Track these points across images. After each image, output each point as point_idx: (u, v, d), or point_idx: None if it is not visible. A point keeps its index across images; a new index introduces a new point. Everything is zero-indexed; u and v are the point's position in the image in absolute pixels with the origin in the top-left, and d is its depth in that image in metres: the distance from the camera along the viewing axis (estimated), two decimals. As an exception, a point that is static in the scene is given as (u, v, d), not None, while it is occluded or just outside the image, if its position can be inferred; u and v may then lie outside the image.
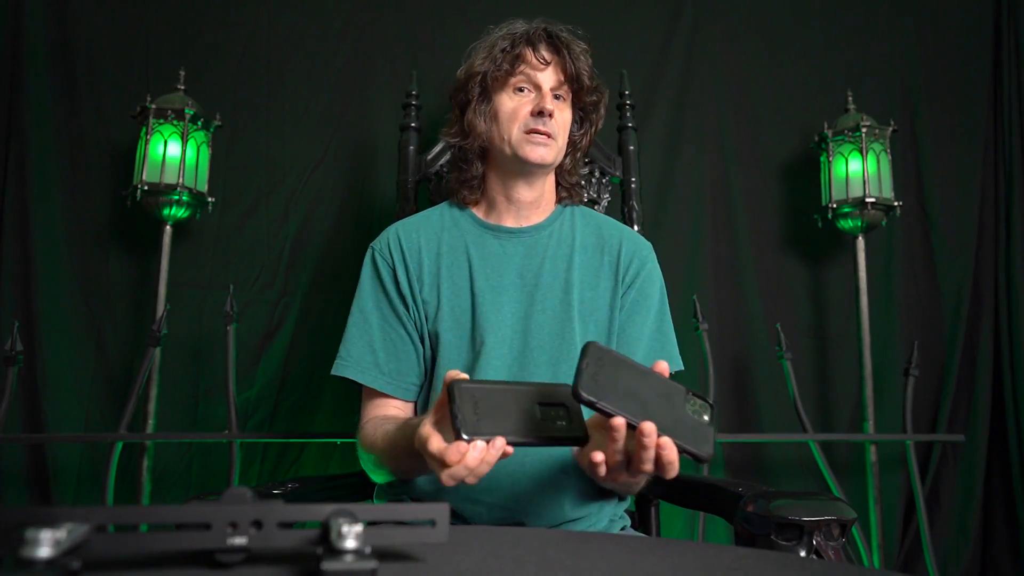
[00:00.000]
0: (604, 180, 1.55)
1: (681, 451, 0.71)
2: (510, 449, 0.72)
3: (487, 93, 1.13)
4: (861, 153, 1.96)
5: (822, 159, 2.05)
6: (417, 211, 1.47)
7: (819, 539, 0.81)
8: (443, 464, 0.72)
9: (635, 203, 1.52)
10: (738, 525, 0.89)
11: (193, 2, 2.02)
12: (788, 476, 2.03)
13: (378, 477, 1.09)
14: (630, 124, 1.57)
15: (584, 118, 1.19)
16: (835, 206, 1.97)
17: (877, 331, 2.01)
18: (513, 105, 1.11)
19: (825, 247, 2.13)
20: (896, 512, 2.03)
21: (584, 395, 0.68)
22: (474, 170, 1.16)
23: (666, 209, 2.08)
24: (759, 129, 2.17)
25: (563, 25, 1.15)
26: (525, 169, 1.11)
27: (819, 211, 2.03)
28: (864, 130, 1.96)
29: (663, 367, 0.75)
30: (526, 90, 1.11)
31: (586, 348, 0.71)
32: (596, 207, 1.53)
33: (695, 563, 0.56)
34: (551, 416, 0.73)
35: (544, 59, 1.11)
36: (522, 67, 1.10)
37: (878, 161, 1.97)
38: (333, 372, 1.11)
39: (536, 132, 1.08)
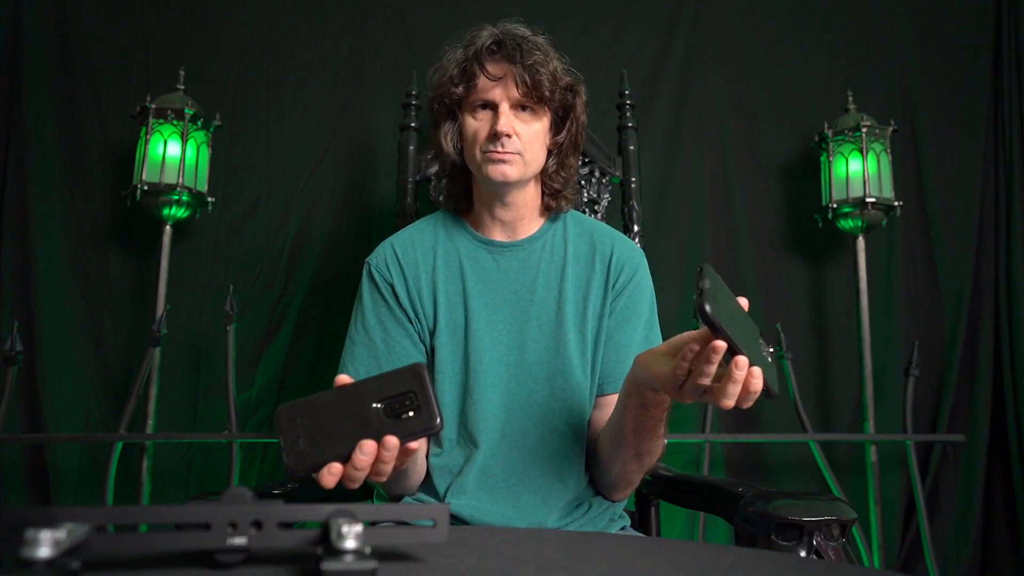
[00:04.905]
0: (604, 180, 1.54)
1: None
2: (414, 445, 0.68)
3: (451, 111, 1.10)
4: (861, 153, 1.96)
5: (822, 159, 2.05)
6: (417, 211, 1.48)
7: (819, 539, 0.81)
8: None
9: (635, 203, 1.52)
10: (738, 525, 0.89)
11: (193, 2, 2.03)
12: (788, 476, 2.03)
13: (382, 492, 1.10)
14: (630, 124, 1.57)
15: (564, 117, 1.12)
16: (835, 206, 1.97)
17: (877, 331, 2.01)
18: (475, 125, 1.07)
19: (825, 247, 2.13)
20: (896, 512, 2.03)
21: (711, 315, 0.67)
22: (458, 183, 1.15)
23: (666, 209, 2.08)
24: (759, 129, 2.17)
25: (521, 28, 1.08)
26: (492, 187, 1.09)
27: (819, 211, 2.03)
28: (864, 130, 1.96)
29: (745, 302, 0.76)
30: (487, 107, 1.07)
31: (703, 269, 0.69)
32: (596, 207, 1.53)
33: (695, 563, 0.56)
34: (396, 410, 0.66)
35: (493, 75, 1.04)
36: (475, 85, 1.06)
37: (878, 161, 1.97)
38: None
39: (494, 152, 1.05)
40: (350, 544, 0.44)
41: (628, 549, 0.59)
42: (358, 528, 0.44)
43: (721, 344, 0.69)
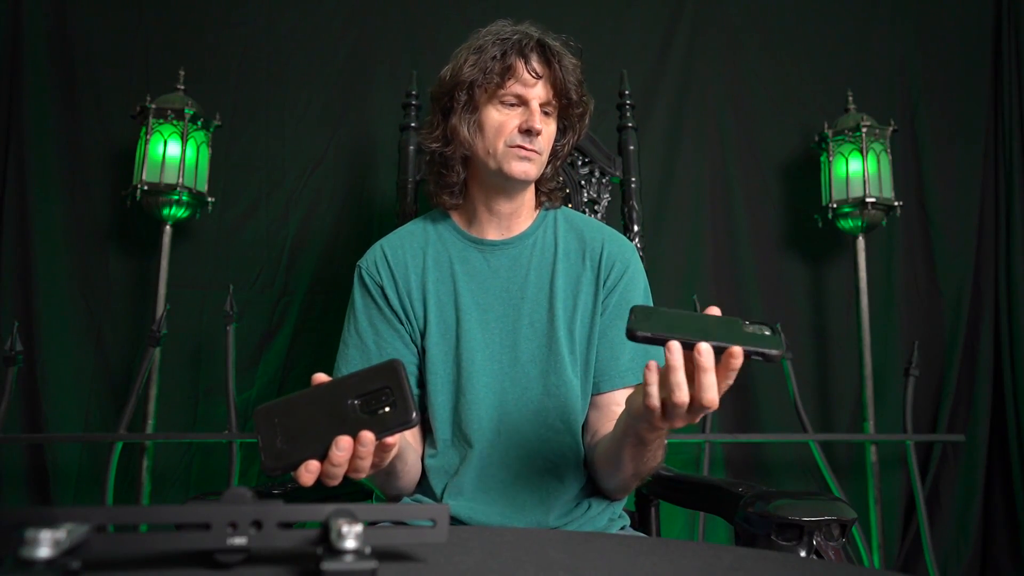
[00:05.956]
0: (604, 180, 1.54)
1: (752, 355, 0.69)
2: (390, 440, 0.68)
3: (473, 102, 1.09)
4: (861, 153, 1.96)
5: (822, 159, 2.05)
6: (417, 211, 1.48)
7: (819, 539, 0.81)
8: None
9: (635, 203, 1.52)
10: (738, 525, 0.89)
11: (193, 2, 2.02)
12: (788, 476, 2.03)
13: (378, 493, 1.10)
14: (630, 124, 1.57)
15: (568, 127, 1.15)
16: (835, 206, 1.97)
17: (877, 331, 2.01)
18: (501, 119, 1.07)
19: (825, 247, 2.13)
20: (896, 512, 2.03)
21: (639, 333, 0.66)
22: (455, 176, 1.13)
23: (666, 209, 2.08)
24: (759, 129, 2.17)
25: (555, 35, 1.11)
26: (508, 183, 1.09)
27: (819, 211, 2.03)
28: (864, 130, 1.96)
29: (715, 310, 0.74)
30: (514, 104, 1.08)
31: (632, 309, 0.70)
32: (596, 207, 1.53)
33: (695, 563, 0.56)
34: (372, 406, 0.66)
35: (536, 72, 1.06)
36: (512, 79, 1.07)
37: (878, 161, 1.97)
38: None
39: (522, 148, 1.06)
40: (350, 544, 0.44)
41: (628, 549, 0.59)
42: (358, 528, 0.44)
43: (674, 344, 0.68)
